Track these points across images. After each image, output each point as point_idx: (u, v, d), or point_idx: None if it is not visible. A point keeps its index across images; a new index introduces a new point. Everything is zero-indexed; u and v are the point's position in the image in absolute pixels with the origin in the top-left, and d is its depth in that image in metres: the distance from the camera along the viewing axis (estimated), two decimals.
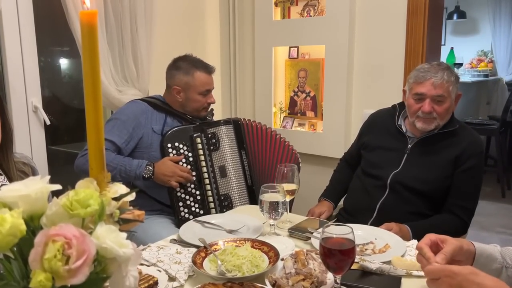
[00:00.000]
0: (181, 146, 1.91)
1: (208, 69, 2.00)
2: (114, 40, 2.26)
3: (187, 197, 1.90)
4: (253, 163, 2.05)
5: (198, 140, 1.91)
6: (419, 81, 1.69)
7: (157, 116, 1.95)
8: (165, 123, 1.95)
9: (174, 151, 1.90)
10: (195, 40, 2.88)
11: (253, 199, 2.01)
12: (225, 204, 1.93)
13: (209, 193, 1.91)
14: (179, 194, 1.88)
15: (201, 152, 1.91)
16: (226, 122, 2.01)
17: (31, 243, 0.50)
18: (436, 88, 1.66)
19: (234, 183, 1.97)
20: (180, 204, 1.88)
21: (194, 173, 1.90)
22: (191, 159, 1.91)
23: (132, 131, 1.86)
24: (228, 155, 1.97)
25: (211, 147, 1.93)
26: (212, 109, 2.14)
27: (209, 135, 1.93)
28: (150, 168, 1.81)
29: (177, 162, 1.87)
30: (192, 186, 1.90)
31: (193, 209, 1.90)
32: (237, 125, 2.03)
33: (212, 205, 1.91)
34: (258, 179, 2.05)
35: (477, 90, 5.61)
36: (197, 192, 1.91)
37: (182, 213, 1.88)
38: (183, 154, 1.90)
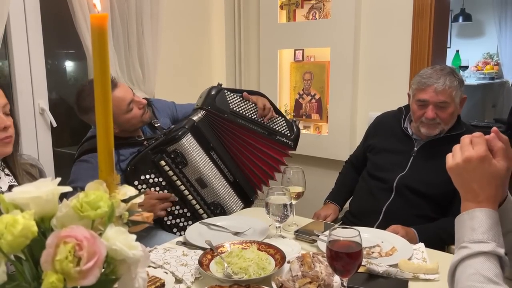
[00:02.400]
0: (147, 176, 1.74)
1: (114, 84, 1.71)
2: (120, 43, 2.27)
3: (178, 220, 1.81)
4: (225, 155, 1.89)
5: (163, 162, 1.74)
6: (421, 88, 1.68)
7: None
8: (119, 160, 1.77)
9: (145, 185, 1.74)
10: (201, 43, 2.89)
11: (242, 193, 1.92)
12: (217, 212, 1.84)
13: (197, 206, 1.81)
14: (169, 222, 1.79)
15: (171, 173, 1.75)
16: (183, 132, 1.77)
17: (42, 244, 0.50)
18: (439, 95, 1.65)
19: (217, 188, 1.83)
20: (175, 230, 1.80)
21: (173, 194, 1.77)
22: (163, 183, 1.76)
23: None
24: (200, 165, 1.79)
25: (180, 166, 1.76)
26: (150, 107, 1.92)
27: (172, 155, 1.75)
28: None
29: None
30: (178, 207, 1.80)
31: (188, 228, 1.82)
32: (195, 129, 1.80)
33: (205, 216, 1.81)
34: (235, 166, 1.92)
35: (483, 93, 5.59)
36: (185, 210, 1.81)
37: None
38: (155, 185, 1.75)
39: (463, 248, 0.82)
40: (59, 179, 0.58)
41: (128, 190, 0.66)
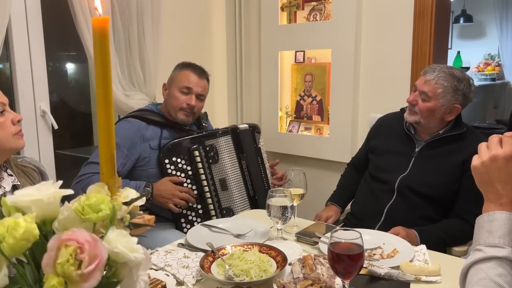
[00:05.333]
0: (179, 160, 1.84)
1: (197, 70, 1.93)
2: (121, 45, 2.27)
3: (189, 212, 1.85)
4: (255, 168, 1.98)
5: (196, 153, 1.84)
6: (421, 74, 1.76)
7: (152, 131, 1.88)
8: (161, 137, 1.89)
9: (173, 167, 1.83)
10: (202, 45, 2.89)
11: (256, 209, 1.95)
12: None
13: (211, 206, 1.86)
14: (180, 210, 1.83)
15: (200, 165, 1.85)
16: (224, 132, 1.92)
17: (44, 247, 0.50)
18: (424, 84, 1.71)
19: (235, 195, 1.90)
20: (182, 220, 1.84)
21: (194, 187, 1.85)
22: (190, 172, 1.84)
23: (127, 153, 1.79)
24: (228, 167, 1.90)
25: (210, 160, 1.86)
26: (205, 113, 2.09)
27: (207, 148, 1.86)
28: (148, 189, 1.74)
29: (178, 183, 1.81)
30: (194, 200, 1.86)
31: (195, 224, 1.84)
32: (235, 133, 1.95)
33: (214, 218, 1.84)
34: (260, 185, 1.99)
35: (484, 94, 5.59)
36: (199, 206, 1.86)
37: (185, 229, 1.82)
38: (182, 171, 1.83)
39: (478, 251, 0.80)
40: (60, 182, 0.58)
41: (130, 193, 0.66)
